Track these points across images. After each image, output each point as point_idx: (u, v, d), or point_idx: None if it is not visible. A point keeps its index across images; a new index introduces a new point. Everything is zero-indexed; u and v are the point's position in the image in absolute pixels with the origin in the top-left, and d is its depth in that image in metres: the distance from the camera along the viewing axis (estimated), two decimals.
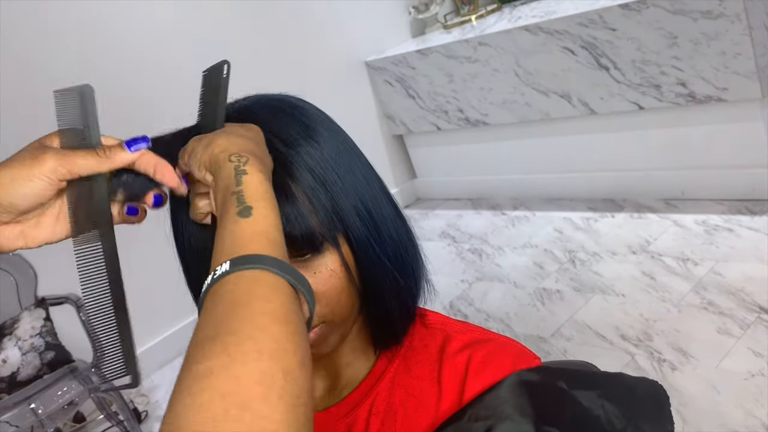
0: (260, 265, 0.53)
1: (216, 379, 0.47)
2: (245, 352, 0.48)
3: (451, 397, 0.73)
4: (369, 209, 0.72)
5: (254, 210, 0.57)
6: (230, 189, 0.59)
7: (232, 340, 0.49)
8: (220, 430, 0.44)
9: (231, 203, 0.58)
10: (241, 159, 0.60)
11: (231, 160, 0.60)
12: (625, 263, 2.73)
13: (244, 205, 0.57)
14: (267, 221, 0.57)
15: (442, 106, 3.57)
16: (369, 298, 0.74)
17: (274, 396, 0.47)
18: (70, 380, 2.36)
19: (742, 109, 2.72)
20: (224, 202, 0.58)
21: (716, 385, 2.00)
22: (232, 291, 0.52)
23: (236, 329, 0.49)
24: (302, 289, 0.55)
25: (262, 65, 3.27)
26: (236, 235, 0.56)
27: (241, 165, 0.60)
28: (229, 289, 0.53)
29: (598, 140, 3.21)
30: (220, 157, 0.61)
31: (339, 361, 0.78)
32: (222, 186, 0.60)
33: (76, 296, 2.55)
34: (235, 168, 0.59)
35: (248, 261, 0.54)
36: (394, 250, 0.74)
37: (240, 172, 0.59)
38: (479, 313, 2.75)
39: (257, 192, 0.58)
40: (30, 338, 2.41)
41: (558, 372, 0.73)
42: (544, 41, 3.03)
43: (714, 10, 2.54)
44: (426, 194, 4.06)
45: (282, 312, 0.51)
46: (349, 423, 0.76)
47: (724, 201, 2.88)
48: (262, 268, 0.53)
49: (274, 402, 0.46)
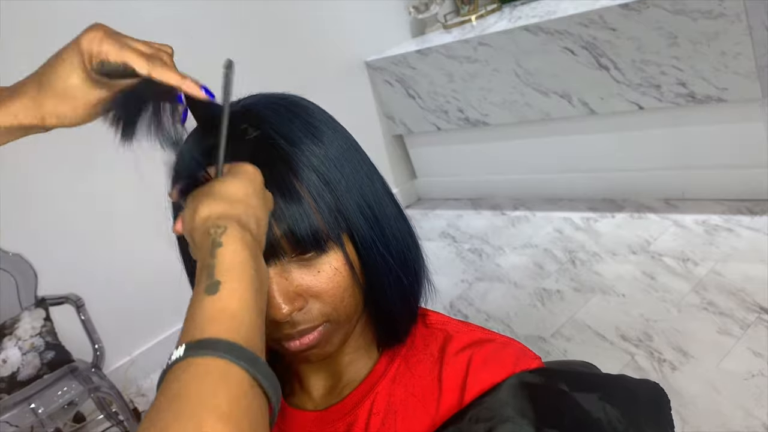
0: (212, 351, 0.50)
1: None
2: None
3: (451, 396, 0.73)
4: (373, 208, 0.73)
5: (222, 285, 0.53)
6: (204, 261, 0.56)
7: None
8: None
9: (203, 277, 0.55)
10: (218, 230, 0.57)
11: (209, 232, 0.57)
12: (626, 263, 2.73)
13: (212, 280, 0.54)
14: (233, 297, 0.53)
15: (442, 106, 3.57)
16: (372, 297, 0.74)
17: None
18: (70, 380, 2.36)
19: (742, 109, 2.72)
20: (199, 275, 0.56)
21: (716, 385, 2.00)
22: (178, 380, 0.49)
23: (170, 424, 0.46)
24: (261, 379, 0.51)
25: (262, 65, 3.27)
26: (199, 313, 0.53)
27: (217, 237, 0.56)
28: (176, 377, 0.49)
29: (598, 140, 3.21)
30: (200, 229, 0.58)
31: (341, 360, 0.78)
32: (200, 258, 0.57)
33: (76, 296, 2.55)
34: (212, 240, 0.56)
35: (201, 346, 0.50)
36: (398, 249, 0.75)
37: (216, 245, 0.56)
38: (479, 313, 2.75)
39: (230, 264, 0.55)
40: (30, 338, 2.41)
41: (559, 374, 0.73)
42: (544, 41, 3.03)
43: (714, 10, 2.54)
44: (426, 194, 4.06)
45: (226, 409, 0.47)
46: (350, 422, 0.76)
47: (724, 201, 2.88)
48: (214, 355, 0.50)
49: None
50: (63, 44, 0.73)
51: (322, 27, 3.65)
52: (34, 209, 2.76)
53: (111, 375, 2.75)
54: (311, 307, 0.69)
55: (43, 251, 2.67)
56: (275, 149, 0.69)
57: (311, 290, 0.69)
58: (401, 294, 0.76)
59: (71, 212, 2.86)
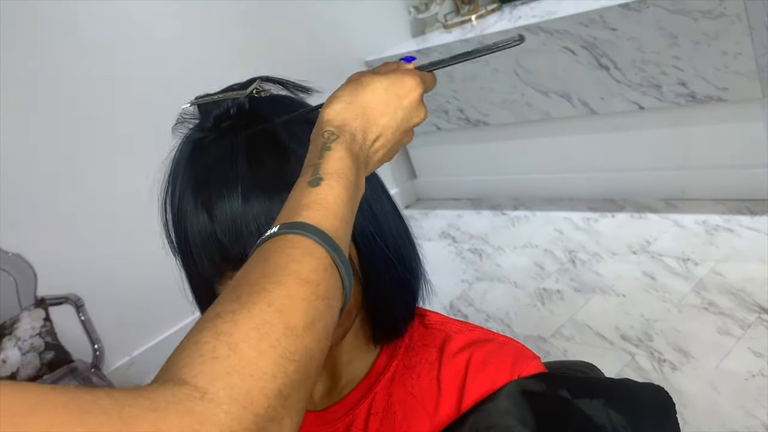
0: (303, 231, 0.55)
1: (219, 321, 0.48)
2: (255, 302, 0.49)
3: (450, 397, 0.73)
4: (370, 204, 0.74)
5: (323, 181, 0.59)
6: (312, 161, 0.61)
7: (247, 290, 0.50)
8: (204, 365, 0.44)
9: (307, 172, 0.60)
10: (332, 136, 0.62)
11: (323, 135, 0.63)
12: (626, 263, 2.73)
13: (315, 176, 0.59)
14: (332, 193, 0.58)
15: (442, 106, 3.57)
16: (371, 292, 0.75)
17: (265, 345, 0.47)
18: (70, 380, 2.36)
19: (742, 109, 2.72)
20: (304, 171, 0.61)
21: (716, 385, 2.00)
22: (268, 250, 0.54)
23: (256, 281, 0.51)
24: (339, 263, 0.55)
25: (261, 65, 3.26)
26: (298, 201, 0.58)
27: (329, 142, 0.62)
28: (267, 247, 0.54)
29: (598, 140, 3.21)
30: (319, 127, 0.64)
31: (339, 359, 0.78)
32: (309, 156, 0.63)
33: (75, 296, 2.55)
34: (323, 144, 0.62)
35: (295, 227, 0.55)
36: (395, 246, 0.76)
37: (325, 148, 0.62)
38: (479, 313, 2.75)
39: (333, 167, 0.60)
40: (30, 338, 2.41)
41: (561, 380, 0.73)
42: (544, 41, 3.02)
43: (714, 10, 2.54)
44: (426, 194, 4.06)
45: (306, 273, 0.52)
46: (349, 422, 0.76)
47: (724, 201, 2.88)
48: (304, 234, 0.55)
49: (265, 350, 0.46)
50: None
51: (322, 27, 3.65)
52: (34, 209, 2.76)
53: (111, 375, 2.74)
54: None
55: (43, 251, 2.67)
56: (276, 142, 0.69)
57: None
58: (399, 289, 0.77)
59: (71, 212, 2.86)
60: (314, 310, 0.51)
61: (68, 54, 2.83)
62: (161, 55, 3.08)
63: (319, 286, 0.52)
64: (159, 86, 3.00)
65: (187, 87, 0.87)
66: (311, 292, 0.51)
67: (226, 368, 0.45)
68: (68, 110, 2.83)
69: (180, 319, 3.09)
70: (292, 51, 3.50)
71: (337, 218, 0.57)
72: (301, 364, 0.48)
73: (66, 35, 2.83)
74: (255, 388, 0.45)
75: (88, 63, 2.88)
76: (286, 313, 0.49)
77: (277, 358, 0.47)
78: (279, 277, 0.51)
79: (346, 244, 0.58)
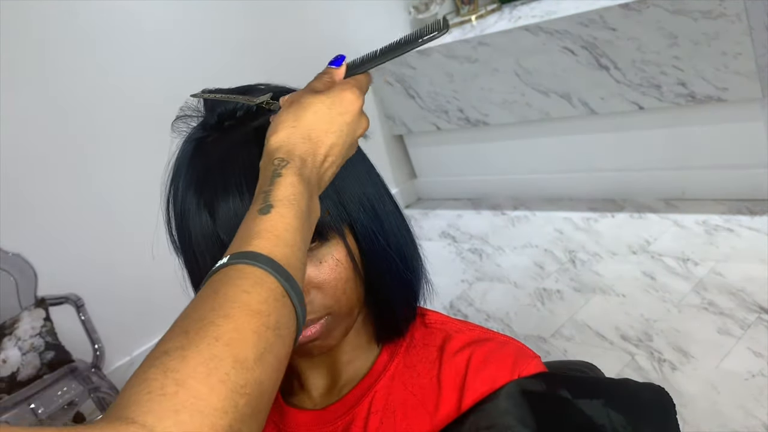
0: (253, 261, 0.54)
1: (168, 357, 0.47)
2: (203, 337, 0.48)
3: (451, 396, 0.73)
4: (372, 203, 0.74)
5: (273, 209, 0.58)
6: (262, 188, 0.61)
7: (196, 325, 0.49)
8: (152, 402, 0.44)
9: (258, 200, 0.60)
10: (281, 162, 0.62)
11: (273, 162, 0.62)
12: (626, 263, 2.73)
13: (266, 204, 0.59)
14: (282, 220, 0.58)
15: (442, 106, 3.57)
16: (372, 291, 0.75)
17: (215, 380, 0.46)
18: (70, 380, 2.36)
19: (742, 109, 2.72)
20: (255, 199, 0.61)
21: (716, 385, 2.00)
22: (218, 281, 0.53)
23: (204, 314, 0.50)
24: (291, 292, 0.54)
25: (261, 65, 3.27)
26: (248, 230, 0.57)
27: (279, 168, 0.62)
28: (217, 279, 0.54)
29: (598, 140, 3.21)
30: (268, 156, 0.64)
31: (340, 358, 0.78)
32: (259, 183, 0.63)
33: (76, 296, 2.55)
34: (273, 171, 0.62)
35: (245, 256, 0.55)
36: (396, 244, 0.76)
37: (275, 175, 0.61)
38: (479, 313, 2.75)
39: (283, 194, 0.60)
40: (30, 338, 2.41)
41: (561, 379, 0.73)
42: (544, 41, 3.03)
43: (714, 10, 2.54)
44: (426, 194, 4.06)
45: (255, 304, 0.51)
46: (348, 421, 0.76)
47: (724, 201, 2.88)
48: (254, 264, 0.54)
49: (214, 385, 0.46)
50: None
51: (322, 27, 3.65)
52: (34, 209, 2.76)
53: (111, 375, 2.75)
54: (313, 298, 0.70)
55: (43, 251, 2.67)
56: None
57: (313, 281, 0.70)
58: (401, 288, 0.77)
59: (71, 212, 2.86)
60: (264, 341, 0.50)
61: (69, 54, 2.83)
62: (162, 54, 3.08)
63: (269, 316, 0.51)
64: (160, 86, 3.00)
65: (187, 87, 0.87)
66: (261, 324, 0.50)
67: (175, 405, 0.44)
68: (69, 110, 2.83)
69: None
70: (292, 51, 3.50)
71: (289, 246, 0.57)
72: (252, 397, 0.48)
73: (66, 35, 2.83)
74: (205, 424, 0.44)
75: (89, 63, 2.88)
76: (235, 347, 0.48)
77: (227, 392, 0.46)
78: (227, 310, 0.50)
79: (301, 272, 0.58)
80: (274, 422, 0.80)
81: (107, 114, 2.93)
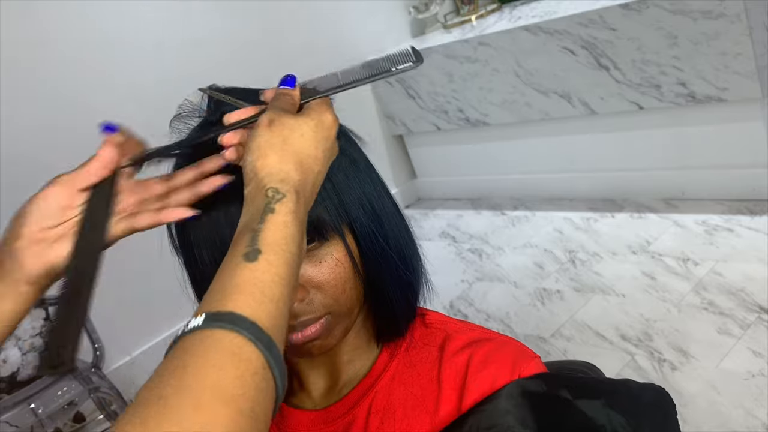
0: (232, 326, 0.48)
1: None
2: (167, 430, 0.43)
3: (451, 396, 0.73)
4: (372, 203, 0.74)
5: (261, 255, 0.52)
6: (251, 224, 0.55)
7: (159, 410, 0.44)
8: None
9: (244, 240, 0.54)
10: (276, 195, 0.56)
11: (267, 193, 0.56)
12: (626, 263, 2.73)
13: (254, 248, 0.52)
14: (270, 270, 0.52)
15: (442, 106, 3.57)
16: (372, 291, 0.75)
17: None
18: (70, 380, 2.36)
19: (742, 109, 2.72)
20: (240, 235, 0.55)
21: (716, 385, 2.00)
22: (188, 351, 0.47)
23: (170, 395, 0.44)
24: (273, 365, 0.49)
25: (261, 65, 3.27)
26: (229, 279, 0.51)
27: (272, 202, 0.55)
28: (191, 345, 0.48)
29: (598, 140, 3.21)
30: (258, 184, 0.57)
31: (340, 359, 0.78)
32: (247, 215, 0.56)
33: None
34: (266, 204, 0.55)
35: (222, 318, 0.48)
36: (396, 244, 0.76)
37: (268, 210, 0.55)
38: (479, 313, 2.75)
39: (274, 237, 0.54)
40: (30, 338, 2.41)
41: (561, 380, 0.73)
42: (544, 41, 3.03)
43: (714, 10, 2.54)
44: (426, 194, 4.06)
45: (230, 387, 0.45)
46: (349, 421, 0.76)
47: (724, 201, 2.88)
48: (233, 329, 0.48)
49: None
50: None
51: (321, 27, 3.65)
52: None
53: (111, 375, 2.74)
54: (313, 298, 0.70)
55: None
56: None
57: (313, 281, 0.70)
58: (401, 287, 0.77)
59: None
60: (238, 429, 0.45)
61: (70, 52, 2.83)
62: (162, 54, 3.08)
63: (244, 399, 0.46)
64: (160, 86, 3.00)
65: (187, 87, 0.87)
66: (234, 411, 0.45)
67: None
68: (69, 109, 2.83)
69: (180, 319, 3.09)
70: (291, 51, 3.50)
71: (274, 301, 0.51)
72: None
73: (67, 33, 2.83)
74: None
75: (89, 61, 2.88)
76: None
77: None
78: (197, 396, 0.44)
79: (283, 330, 0.52)
80: (274, 422, 0.80)
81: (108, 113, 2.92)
